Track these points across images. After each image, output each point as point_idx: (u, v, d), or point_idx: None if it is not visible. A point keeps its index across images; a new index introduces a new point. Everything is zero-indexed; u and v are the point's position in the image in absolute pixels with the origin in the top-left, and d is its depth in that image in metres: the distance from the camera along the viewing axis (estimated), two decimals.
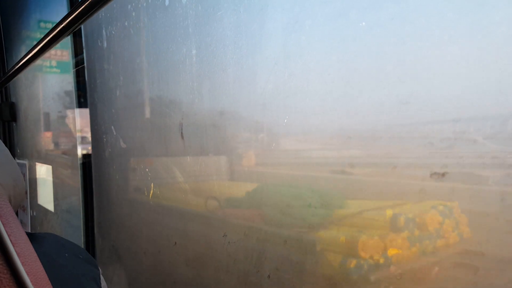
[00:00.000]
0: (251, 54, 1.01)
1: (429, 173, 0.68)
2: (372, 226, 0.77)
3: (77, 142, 2.03)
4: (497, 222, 0.59)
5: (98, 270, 0.87)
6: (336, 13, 0.82)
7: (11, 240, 0.30)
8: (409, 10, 0.73)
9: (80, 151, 1.99)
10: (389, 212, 0.74)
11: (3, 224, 0.30)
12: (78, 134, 2.03)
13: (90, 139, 1.84)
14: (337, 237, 0.81)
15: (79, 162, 1.96)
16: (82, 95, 1.95)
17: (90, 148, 1.86)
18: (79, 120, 2.03)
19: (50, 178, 2.33)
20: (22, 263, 0.29)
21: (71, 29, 1.32)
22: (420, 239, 0.71)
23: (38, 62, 1.97)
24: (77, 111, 2.02)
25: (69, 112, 2.11)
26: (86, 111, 1.89)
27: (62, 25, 1.32)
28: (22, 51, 2.52)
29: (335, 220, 0.82)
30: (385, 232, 0.75)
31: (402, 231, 0.73)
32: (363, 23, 0.78)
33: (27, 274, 0.29)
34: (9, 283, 0.28)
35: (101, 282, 0.85)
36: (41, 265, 0.33)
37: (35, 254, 0.34)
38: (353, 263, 0.78)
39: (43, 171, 2.44)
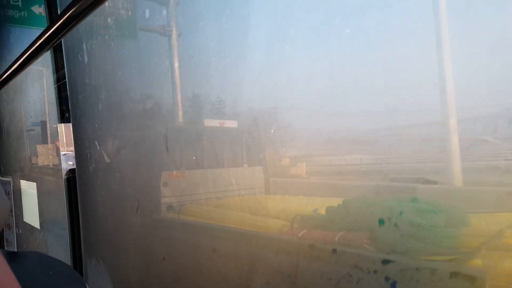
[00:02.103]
0: (234, 64, 1.00)
1: None
2: None
3: (61, 158, 2.00)
4: None
5: (85, 286, 0.85)
6: (320, 21, 0.81)
7: None
8: (393, 15, 0.73)
9: (64, 167, 1.96)
10: None
11: None
12: (62, 150, 2.00)
13: (74, 154, 1.81)
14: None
15: (64, 177, 1.92)
16: (65, 109, 1.92)
17: (74, 163, 1.83)
18: (63, 136, 2.00)
19: (35, 195, 2.29)
20: None
21: (51, 43, 1.29)
22: None
23: (19, 77, 1.94)
24: (60, 126, 1.99)
25: (52, 128, 2.08)
26: (69, 126, 1.86)
27: (41, 40, 1.29)
28: (2, 67, 2.49)
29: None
30: None
31: None
32: (347, 30, 0.77)
33: None
34: None
35: None
36: (18, 283, 0.33)
37: (12, 273, 0.33)
38: None
39: (28, 188, 2.40)
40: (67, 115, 1.88)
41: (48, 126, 2.13)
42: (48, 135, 2.15)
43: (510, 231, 0.56)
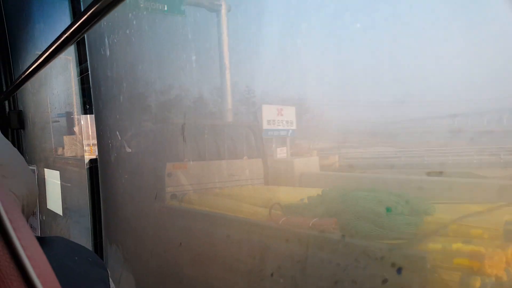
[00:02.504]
0: (248, 58, 1.03)
1: None
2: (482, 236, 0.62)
3: (84, 148, 2.06)
4: None
5: (107, 272, 0.88)
6: (331, 15, 0.85)
7: (21, 244, 0.30)
8: (403, 10, 0.75)
9: (86, 156, 2.03)
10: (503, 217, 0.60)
11: (14, 229, 0.31)
12: (85, 140, 2.06)
13: (96, 144, 1.87)
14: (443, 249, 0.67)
15: (86, 166, 1.99)
16: (87, 101, 1.99)
17: (96, 153, 1.89)
18: (85, 126, 2.06)
19: (58, 183, 2.36)
20: (33, 266, 0.30)
21: (75, 38, 1.35)
22: None
23: (43, 70, 2.01)
24: (83, 117, 2.06)
25: (75, 119, 2.15)
26: (91, 117, 1.92)
27: (66, 35, 1.35)
28: (28, 61, 2.56)
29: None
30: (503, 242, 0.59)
31: None
32: (358, 25, 0.80)
33: (37, 277, 0.30)
34: (20, 285, 0.29)
35: (110, 284, 0.87)
36: (51, 268, 0.34)
37: (45, 258, 0.34)
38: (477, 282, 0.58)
39: (51, 176, 2.48)
40: (89, 107, 1.93)
41: (71, 117, 2.20)
42: (71, 126, 2.22)
43: (466, 219, 0.64)
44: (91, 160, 1.98)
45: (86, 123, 2.05)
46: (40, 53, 1.59)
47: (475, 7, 0.65)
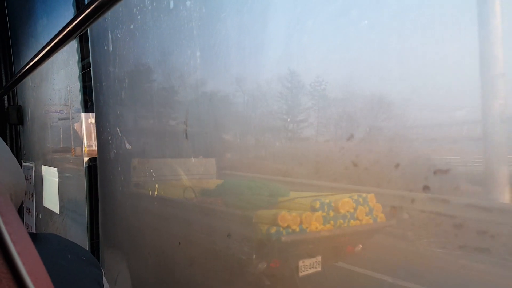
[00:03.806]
0: (254, 55, 1.02)
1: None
2: (298, 208, 1.04)
3: (83, 145, 2.05)
4: None
5: (101, 271, 0.87)
6: (338, 12, 0.83)
7: (11, 239, 0.29)
8: (410, 7, 0.74)
9: (85, 153, 2.01)
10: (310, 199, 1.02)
11: (4, 223, 0.30)
12: (84, 137, 2.05)
13: (95, 141, 1.85)
14: (270, 214, 1.07)
15: (85, 164, 1.97)
16: (88, 98, 1.97)
17: (95, 150, 1.88)
18: (85, 123, 2.04)
19: (56, 180, 2.34)
20: (23, 263, 0.29)
21: (77, 32, 1.33)
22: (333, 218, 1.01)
23: (45, 65, 1.99)
24: (83, 113, 2.04)
25: (75, 115, 2.13)
26: (92, 114, 1.91)
27: (68, 29, 1.33)
28: (29, 55, 2.54)
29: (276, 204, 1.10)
30: (305, 211, 1.01)
31: (318, 211, 1.00)
32: (365, 22, 0.79)
33: (28, 274, 0.29)
34: (9, 282, 0.28)
35: (104, 284, 0.85)
36: (43, 265, 0.33)
37: (37, 254, 0.33)
38: (274, 229, 1.04)
39: (49, 173, 2.46)
40: (90, 103, 1.92)
41: (71, 113, 2.19)
42: (72, 122, 2.20)
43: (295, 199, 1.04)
44: (90, 159, 1.96)
45: (87, 120, 2.03)
46: (41, 47, 1.58)
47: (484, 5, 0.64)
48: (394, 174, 0.76)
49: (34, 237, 0.80)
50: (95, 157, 1.88)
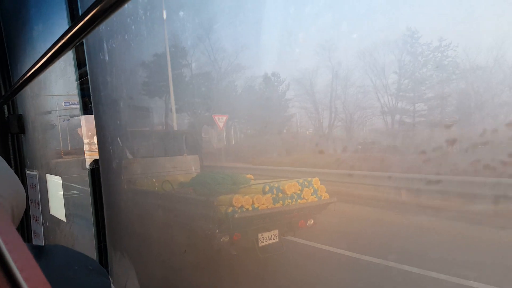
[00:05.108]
0: (248, 66, 1.02)
1: None
2: (253, 192, 1.33)
3: (85, 153, 2.06)
4: None
5: (109, 279, 0.87)
6: (328, 25, 0.84)
7: (7, 248, 0.30)
8: (400, 20, 0.74)
9: (87, 162, 2.02)
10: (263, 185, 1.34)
11: None
12: (86, 145, 2.06)
13: (97, 149, 1.86)
14: (230, 197, 1.31)
15: (88, 172, 1.98)
16: (88, 106, 1.98)
17: (97, 158, 1.89)
18: (86, 131, 2.05)
19: (61, 188, 2.35)
20: (19, 270, 0.29)
21: (73, 43, 1.34)
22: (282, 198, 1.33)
23: (43, 75, 2.00)
24: (83, 122, 2.05)
25: (75, 123, 2.14)
26: (92, 121, 1.91)
27: (63, 40, 1.34)
28: (27, 62, 2.55)
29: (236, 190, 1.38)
30: (257, 194, 1.30)
31: (267, 193, 1.29)
32: (354, 35, 0.79)
33: (25, 281, 0.29)
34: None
35: None
36: (41, 272, 0.32)
37: (34, 261, 0.33)
38: (230, 209, 1.26)
39: (53, 181, 2.47)
40: (89, 110, 1.92)
41: (71, 121, 2.19)
42: (73, 130, 2.21)
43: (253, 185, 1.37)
44: (92, 166, 1.97)
45: (87, 127, 2.04)
46: (38, 56, 1.58)
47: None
48: None
49: (41, 250, 0.80)
50: (98, 165, 1.88)
